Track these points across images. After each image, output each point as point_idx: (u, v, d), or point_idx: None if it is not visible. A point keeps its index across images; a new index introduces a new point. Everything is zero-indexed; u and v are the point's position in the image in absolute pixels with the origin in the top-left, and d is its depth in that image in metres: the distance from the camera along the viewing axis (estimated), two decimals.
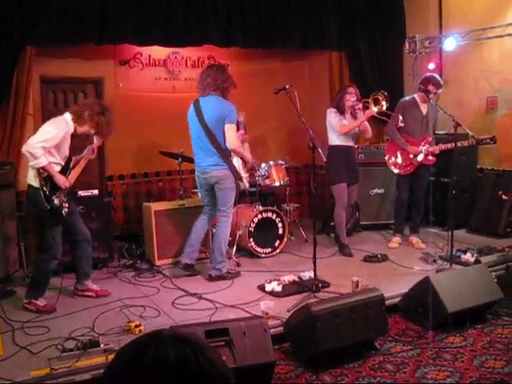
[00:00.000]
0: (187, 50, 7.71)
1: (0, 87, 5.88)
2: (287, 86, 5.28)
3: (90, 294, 5.23)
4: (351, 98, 6.33)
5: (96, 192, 6.18)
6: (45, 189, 4.68)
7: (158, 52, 7.66)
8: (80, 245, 5.13)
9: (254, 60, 8.28)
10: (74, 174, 4.95)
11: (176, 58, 7.91)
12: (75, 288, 5.28)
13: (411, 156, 6.49)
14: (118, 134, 7.25)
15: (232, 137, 5.48)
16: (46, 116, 6.95)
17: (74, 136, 4.93)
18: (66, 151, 4.86)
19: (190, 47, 7.38)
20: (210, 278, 5.66)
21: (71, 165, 4.96)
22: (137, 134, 7.55)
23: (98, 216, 6.09)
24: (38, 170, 4.66)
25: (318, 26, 7.66)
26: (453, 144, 5.88)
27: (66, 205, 4.84)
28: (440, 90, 6.45)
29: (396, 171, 6.65)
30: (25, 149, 4.60)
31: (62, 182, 4.76)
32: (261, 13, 7.25)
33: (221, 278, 5.65)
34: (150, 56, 7.73)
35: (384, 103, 6.09)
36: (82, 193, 5.97)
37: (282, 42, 7.48)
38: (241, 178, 6.01)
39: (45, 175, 4.69)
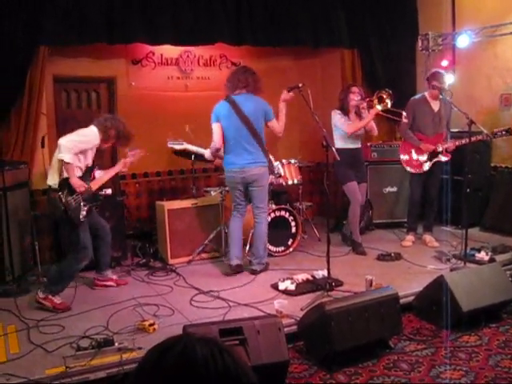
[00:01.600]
0: (199, 48, 7.71)
1: (14, 87, 5.92)
2: (300, 84, 5.27)
3: (110, 283, 5.45)
4: (355, 97, 6.35)
5: (109, 191, 6.19)
6: (62, 190, 4.81)
7: (170, 51, 7.66)
8: (102, 237, 5.32)
9: (265, 58, 8.26)
10: (96, 182, 5.12)
11: (188, 56, 7.91)
12: (95, 279, 5.47)
13: (425, 154, 6.47)
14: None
15: (277, 126, 5.79)
16: (58, 115, 7.00)
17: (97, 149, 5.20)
18: (89, 160, 5.07)
19: (202, 46, 7.38)
20: (255, 273, 5.79)
21: (92, 175, 5.13)
22: (149, 132, 7.56)
23: (111, 215, 6.11)
24: (60, 168, 4.84)
25: (329, 23, 7.64)
26: (467, 139, 5.84)
27: (85, 208, 4.92)
28: (445, 84, 6.43)
29: (410, 170, 6.62)
30: (62, 141, 4.79)
31: (78, 185, 4.85)
32: (272, 11, 7.24)
33: (262, 271, 5.85)
34: (162, 55, 7.73)
35: (388, 101, 6.09)
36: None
37: (293, 39, 7.46)
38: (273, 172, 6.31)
39: (64, 177, 4.83)
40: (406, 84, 8.17)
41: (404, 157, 6.65)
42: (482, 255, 5.76)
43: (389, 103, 6.09)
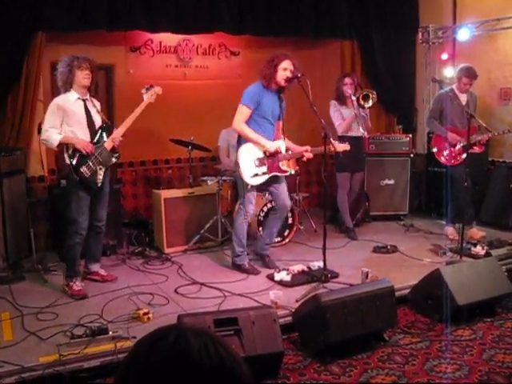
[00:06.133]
0: (198, 37, 7.65)
1: (11, 73, 5.87)
2: (299, 75, 5.24)
3: (96, 277, 5.32)
4: (348, 89, 6.52)
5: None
6: (72, 160, 4.79)
7: (169, 39, 7.60)
8: (96, 232, 5.20)
9: (264, 48, 8.19)
10: (110, 142, 5.01)
11: (187, 45, 7.85)
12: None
13: (458, 146, 6.37)
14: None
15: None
16: None
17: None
18: (81, 120, 4.91)
19: (202, 34, 7.33)
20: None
21: (111, 131, 5.06)
22: (147, 121, 7.51)
23: (108, 203, 6.07)
24: (64, 146, 4.85)
25: (330, 14, 7.60)
26: (499, 132, 6.15)
27: (100, 177, 4.91)
28: (474, 81, 6.34)
29: (445, 163, 6.54)
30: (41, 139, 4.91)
31: (82, 146, 4.79)
32: (273, 0, 7.19)
33: None
34: (160, 43, 7.67)
35: (370, 102, 6.35)
36: None
37: (294, 30, 7.42)
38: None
39: (71, 149, 4.82)
40: (405, 76, 8.15)
41: (438, 151, 6.56)
42: (478, 249, 5.77)
43: (369, 105, 6.37)
